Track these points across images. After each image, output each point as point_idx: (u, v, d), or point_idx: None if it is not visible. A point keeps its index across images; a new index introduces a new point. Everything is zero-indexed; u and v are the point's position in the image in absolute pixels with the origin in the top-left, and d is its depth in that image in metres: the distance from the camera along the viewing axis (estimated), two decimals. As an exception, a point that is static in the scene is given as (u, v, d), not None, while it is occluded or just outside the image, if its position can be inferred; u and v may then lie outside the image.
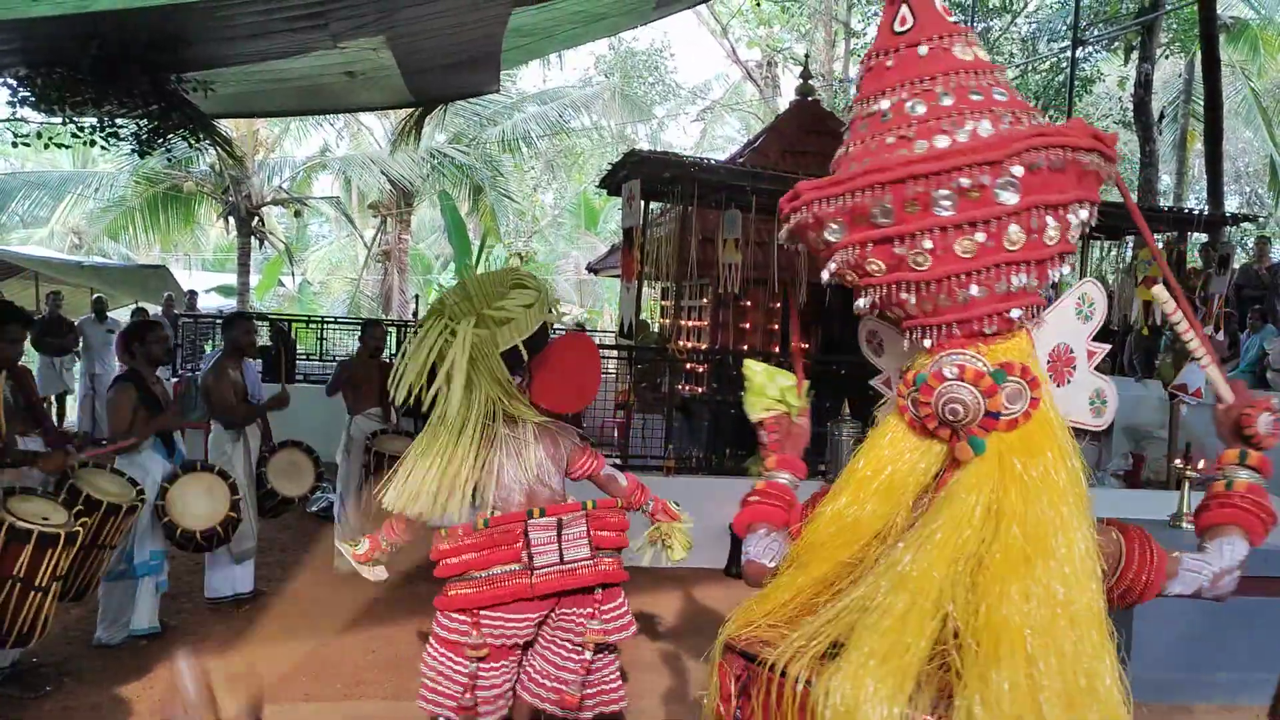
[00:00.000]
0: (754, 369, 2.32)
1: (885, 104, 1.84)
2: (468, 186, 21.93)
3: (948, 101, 1.78)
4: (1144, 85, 15.81)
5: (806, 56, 15.56)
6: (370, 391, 6.93)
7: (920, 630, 1.65)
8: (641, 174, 7.83)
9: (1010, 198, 1.69)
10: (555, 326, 4.10)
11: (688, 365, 9.48)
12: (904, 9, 1.88)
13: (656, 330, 10.84)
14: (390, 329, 12.45)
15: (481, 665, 3.83)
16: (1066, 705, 1.56)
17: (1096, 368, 2.09)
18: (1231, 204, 23.12)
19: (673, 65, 30.71)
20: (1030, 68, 20.87)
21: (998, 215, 1.70)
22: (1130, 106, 17.72)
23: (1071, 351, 2.05)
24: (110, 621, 5.38)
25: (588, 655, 3.83)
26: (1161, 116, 19.80)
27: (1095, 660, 1.63)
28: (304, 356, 13.77)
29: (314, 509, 8.56)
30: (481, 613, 3.72)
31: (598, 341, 15.15)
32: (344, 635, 5.76)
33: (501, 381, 3.66)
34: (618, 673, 4.03)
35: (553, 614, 3.82)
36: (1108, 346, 2.07)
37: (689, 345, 9.61)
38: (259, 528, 6.36)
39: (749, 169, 8.73)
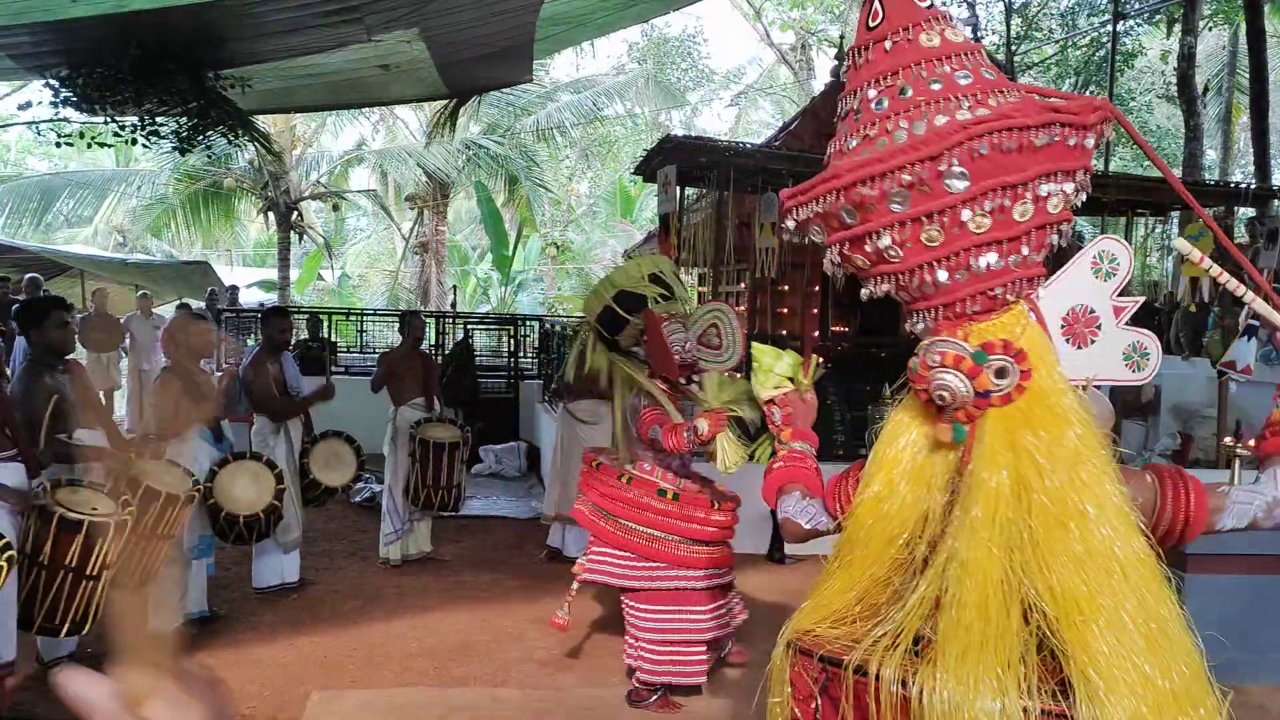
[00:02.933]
0: (761, 350, 2.43)
1: (855, 102, 1.87)
2: (503, 177, 21.98)
3: (908, 94, 1.80)
4: (1187, 58, 15.50)
5: (841, 38, 15.42)
6: (413, 382, 6.98)
7: (1003, 615, 1.70)
8: (677, 160, 7.80)
9: (959, 185, 1.73)
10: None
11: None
12: (875, 4, 1.90)
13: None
14: (429, 320, 12.53)
15: None
16: (1150, 653, 1.64)
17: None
18: (1279, 177, 22.65)
19: (706, 50, 30.58)
20: (1070, 43, 20.54)
21: (950, 204, 1.74)
22: (1173, 80, 17.38)
23: (1093, 311, 2.05)
24: (161, 608, 5.46)
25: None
26: (1206, 90, 19.40)
27: (1159, 605, 1.70)
28: (344, 349, 13.92)
29: (357, 500, 8.66)
30: None
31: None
32: (390, 623, 5.82)
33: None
34: (642, 630, 4.66)
35: None
36: (1139, 299, 2.07)
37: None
38: (304, 519, 6.44)
39: (785, 152, 8.67)
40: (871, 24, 1.90)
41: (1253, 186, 10.55)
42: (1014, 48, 19.19)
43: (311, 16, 7.65)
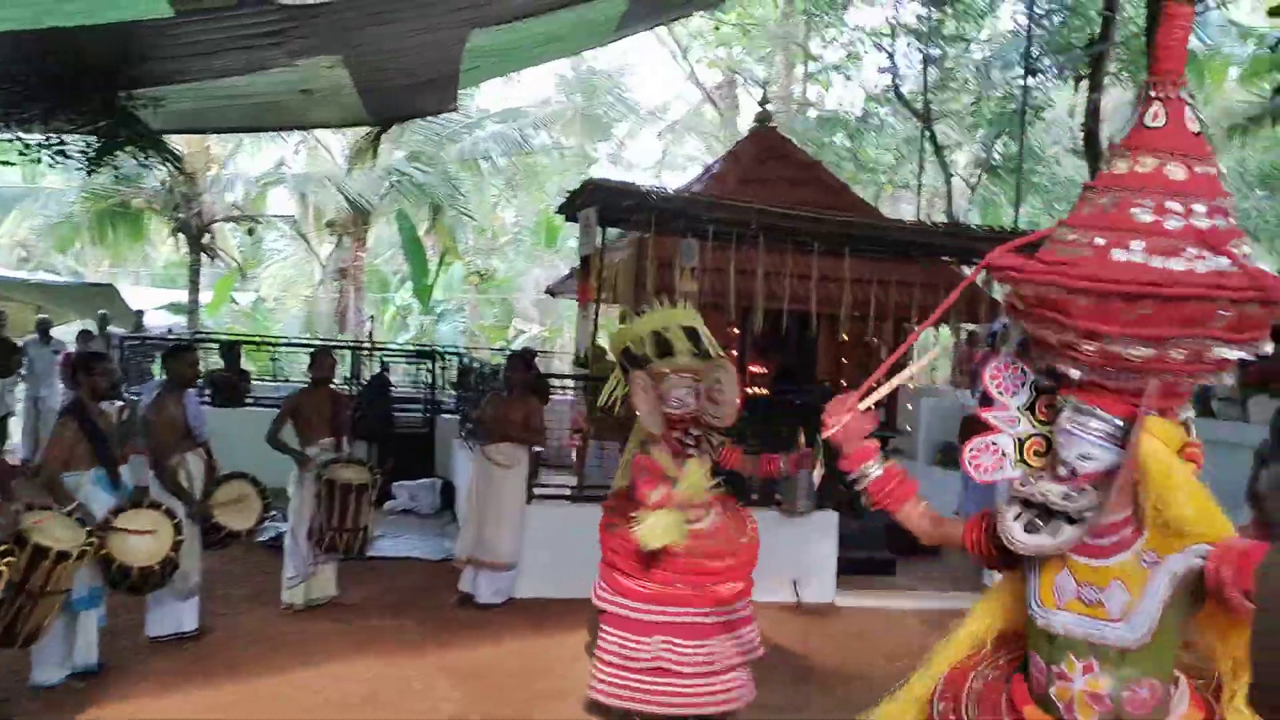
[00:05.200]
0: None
1: (1144, 212, 2.13)
2: (426, 204, 21.78)
3: (1218, 223, 2.11)
4: (1093, 115, 16.05)
5: (764, 85, 15.67)
6: (321, 422, 6.79)
7: None
8: (598, 202, 7.79)
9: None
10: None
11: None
12: (1156, 107, 2.19)
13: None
14: (345, 352, 12.28)
15: None
16: None
17: None
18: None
19: (633, 84, 30.79)
20: (984, 95, 21.15)
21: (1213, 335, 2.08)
22: (1081, 134, 17.99)
23: None
24: (47, 661, 5.20)
25: None
26: (1111, 144, 20.12)
27: None
28: (256, 378, 13.54)
29: (262, 539, 8.37)
30: None
31: (557, 365, 14.99)
32: (292, 674, 5.63)
33: None
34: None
35: None
36: None
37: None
38: (203, 562, 6.19)
39: (706, 198, 8.75)
40: (1151, 123, 2.19)
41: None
42: (930, 97, 19.70)
43: (231, 40, 7.50)
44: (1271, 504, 3.10)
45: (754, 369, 10.81)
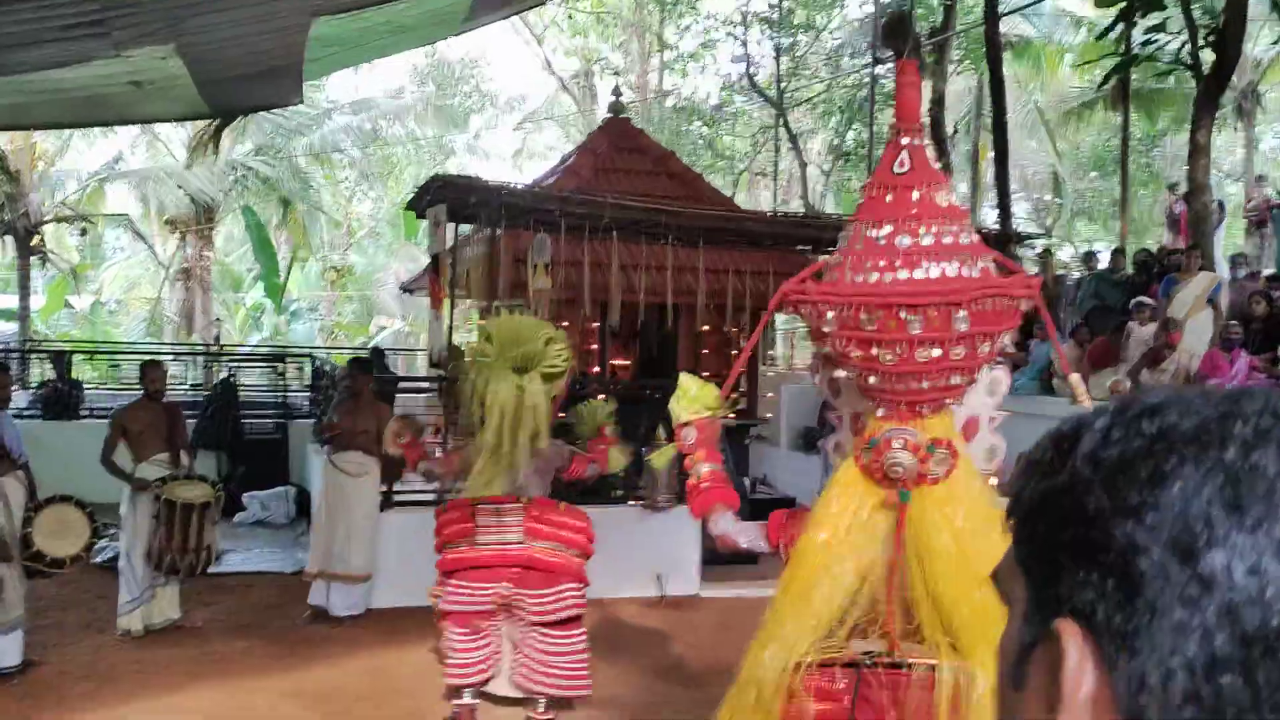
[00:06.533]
0: (687, 379, 3.11)
1: (880, 232, 2.56)
2: (275, 199, 20.97)
3: (928, 241, 2.50)
4: (937, 102, 16.60)
5: (617, 75, 15.61)
6: (155, 436, 6.41)
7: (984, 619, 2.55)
8: (447, 199, 7.59)
9: (962, 325, 2.46)
10: None
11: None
12: (904, 154, 2.63)
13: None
14: (189, 359, 11.71)
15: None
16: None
17: None
18: (1021, 209, 24.60)
19: (490, 74, 30.25)
20: (835, 82, 21.63)
21: (949, 337, 2.46)
22: (926, 121, 18.57)
23: (977, 419, 2.88)
24: None
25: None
26: (955, 131, 20.86)
27: None
28: (92, 386, 12.76)
29: (99, 560, 7.89)
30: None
31: (421, 362, 14.62)
32: (128, 707, 5.32)
33: (545, 423, 4.53)
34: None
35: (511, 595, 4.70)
36: (1005, 414, 3.02)
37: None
38: (28, 590, 5.78)
39: (557, 193, 8.63)
40: (898, 170, 2.61)
41: (996, 231, 11.35)
42: (784, 85, 20.03)
43: (50, 31, 7.01)
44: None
45: (615, 362, 10.78)
